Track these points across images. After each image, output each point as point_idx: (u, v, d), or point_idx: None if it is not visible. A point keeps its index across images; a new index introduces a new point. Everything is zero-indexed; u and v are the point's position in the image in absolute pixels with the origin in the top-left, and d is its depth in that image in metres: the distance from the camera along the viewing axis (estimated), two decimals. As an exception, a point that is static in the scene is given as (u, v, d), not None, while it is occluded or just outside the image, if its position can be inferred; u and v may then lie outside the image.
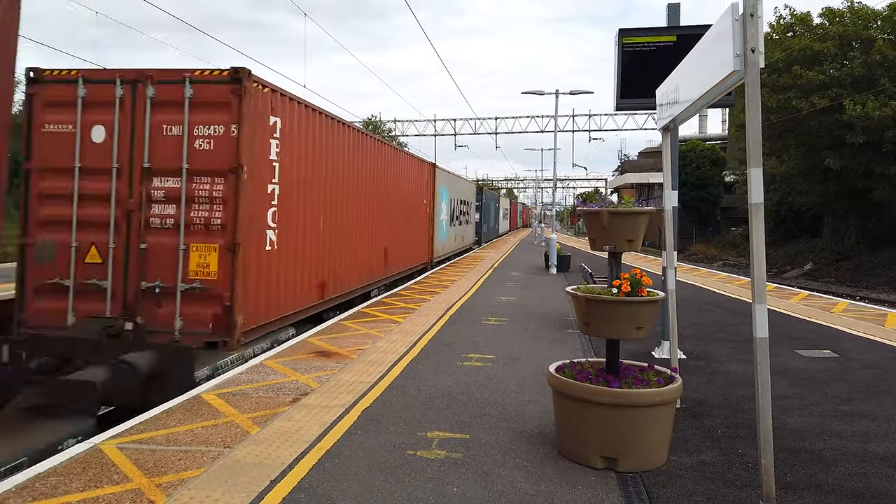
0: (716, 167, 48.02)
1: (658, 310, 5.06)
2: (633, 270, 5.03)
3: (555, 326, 10.60)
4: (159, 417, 5.65)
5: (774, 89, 28.78)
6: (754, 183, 3.69)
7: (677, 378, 4.93)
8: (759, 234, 3.71)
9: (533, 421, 5.71)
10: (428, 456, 4.85)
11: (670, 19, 8.56)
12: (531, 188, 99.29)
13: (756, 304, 3.75)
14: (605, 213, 5.12)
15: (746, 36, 3.62)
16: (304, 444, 5.05)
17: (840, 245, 33.60)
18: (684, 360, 8.19)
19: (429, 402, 6.19)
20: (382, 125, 53.58)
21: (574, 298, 5.12)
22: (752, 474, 4.58)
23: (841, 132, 27.51)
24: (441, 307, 12.50)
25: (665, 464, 4.78)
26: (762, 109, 17.39)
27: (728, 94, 7.14)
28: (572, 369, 5.11)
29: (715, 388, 6.99)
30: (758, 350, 3.73)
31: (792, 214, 38.88)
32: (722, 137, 60.54)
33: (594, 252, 6.04)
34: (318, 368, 7.48)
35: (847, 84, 27.62)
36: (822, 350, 9.01)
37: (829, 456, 5.04)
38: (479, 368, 7.58)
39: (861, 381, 7.35)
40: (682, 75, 5.29)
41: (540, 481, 4.43)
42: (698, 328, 10.70)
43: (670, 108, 5.77)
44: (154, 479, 4.34)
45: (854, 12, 28.78)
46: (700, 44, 4.68)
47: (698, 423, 5.76)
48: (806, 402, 6.47)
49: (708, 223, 50.50)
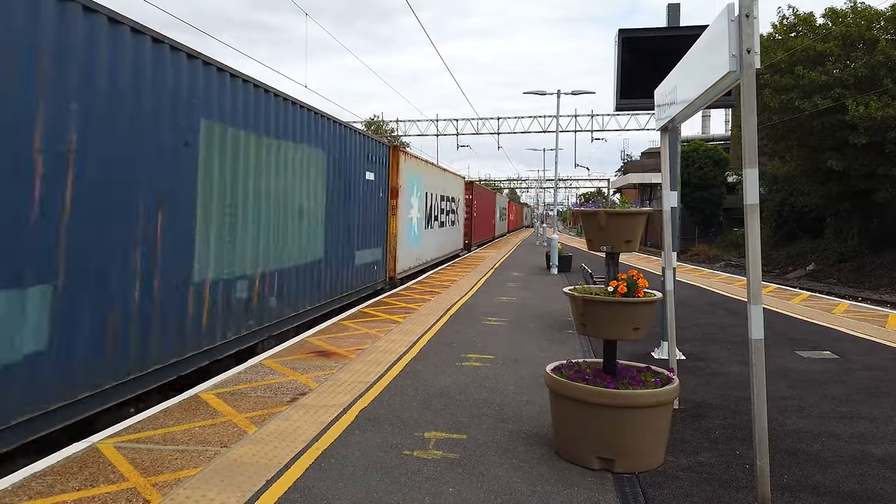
0: (718, 168, 47.97)
1: (656, 310, 5.06)
2: (631, 272, 5.02)
3: (555, 327, 10.59)
4: (157, 416, 5.66)
5: (777, 90, 28.71)
6: (749, 184, 3.69)
7: (675, 379, 4.92)
8: (754, 235, 3.71)
9: (530, 421, 5.71)
10: (425, 456, 4.85)
11: (670, 20, 8.56)
12: (533, 188, 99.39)
13: (752, 305, 3.74)
14: (602, 213, 5.12)
15: (742, 37, 3.61)
16: (302, 443, 5.05)
17: (842, 246, 33.51)
18: (683, 361, 8.19)
19: (427, 403, 6.19)
20: (384, 125, 53.61)
21: (571, 299, 5.11)
22: (749, 476, 4.57)
23: (843, 133, 27.43)
24: (441, 307, 12.50)
25: (662, 465, 4.77)
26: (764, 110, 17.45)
27: (728, 94, 7.16)
28: (569, 370, 5.10)
29: (714, 389, 6.98)
30: (753, 351, 3.73)
31: (794, 215, 38.78)
32: (725, 138, 60.43)
33: (594, 252, 6.04)
34: (316, 368, 7.48)
35: (850, 85, 27.55)
36: (822, 351, 9.00)
37: (826, 457, 5.03)
38: (477, 369, 7.58)
39: (860, 382, 7.33)
40: (679, 76, 5.28)
41: (536, 482, 4.43)
42: (698, 329, 10.69)
43: (668, 109, 5.77)
44: (150, 479, 4.35)
45: (857, 13, 28.70)
46: (697, 45, 4.68)
47: (696, 424, 5.75)
48: (804, 404, 6.46)
49: (711, 224, 50.45)
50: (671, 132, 6.40)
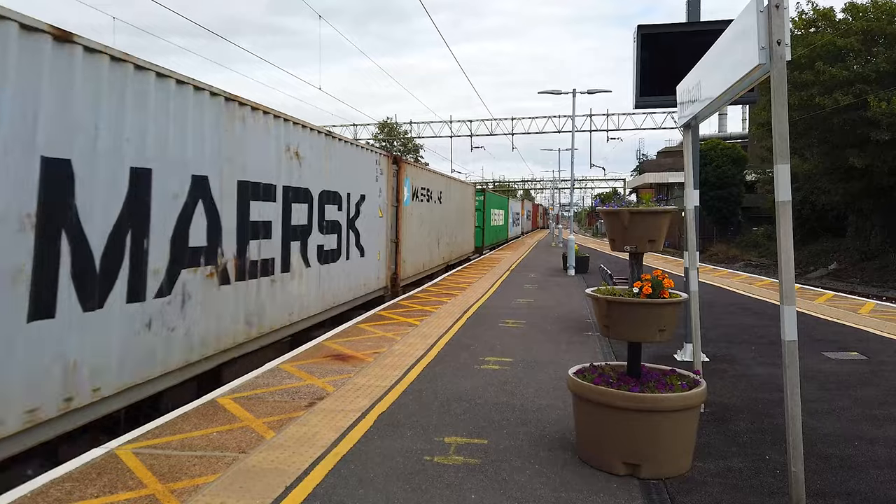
0: (737, 166, 47.34)
1: (681, 312, 4.93)
2: (655, 272, 4.90)
3: (573, 329, 10.46)
4: (175, 422, 5.62)
5: (797, 86, 28.29)
6: (781, 180, 3.56)
7: (702, 382, 4.79)
8: (787, 234, 3.58)
9: (552, 426, 5.60)
10: (445, 462, 4.76)
11: (690, 15, 8.40)
12: (548, 189, 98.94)
13: (784, 306, 3.61)
14: (625, 212, 5.00)
15: (772, 28, 3.49)
16: (320, 449, 4.98)
17: (865, 244, 32.92)
18: (707, 363, 8.02)
19: (446, 407, 6.10)
20: (398, 127, 53.66)
21: (594, 300, 5.00)
22: (781, 481, 4.43)
23: (865, 129, 26.96)
24: (458, 309, 12.41)
25: (689, 470, 4.65)
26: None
27: (751, 90, 7.01)
28: (592, 373, 4.99)
29: (740, 391, 6.82)
30: (787, 353, 3.60)
31: (815, 214, 38.18)
32: (742, 136, 59.75)
33: (613, 253, 5.92)
34: (333, 372, 7.42)
35: (871, 80, 27.09)
36: (849, 352, 8.78)
37: (859, 462, 4.87)
38: (496, 372, 7.48)
39: (892, 384, 7.13)
40: (703, 72, 5.15)
41: (560, 488, 4.33)
42: (721, 330, 10.49)
43: (691, 106, 5.64)
44: (169, 485, 4.30)
45: (877, 7, 28.23)
46: (722, 39, 4.55)
47: (723, 428, 5.61)
48: (834, 407, 6.28)
49: (729, 223, 49.80)
50: (693, 129, 6.27)
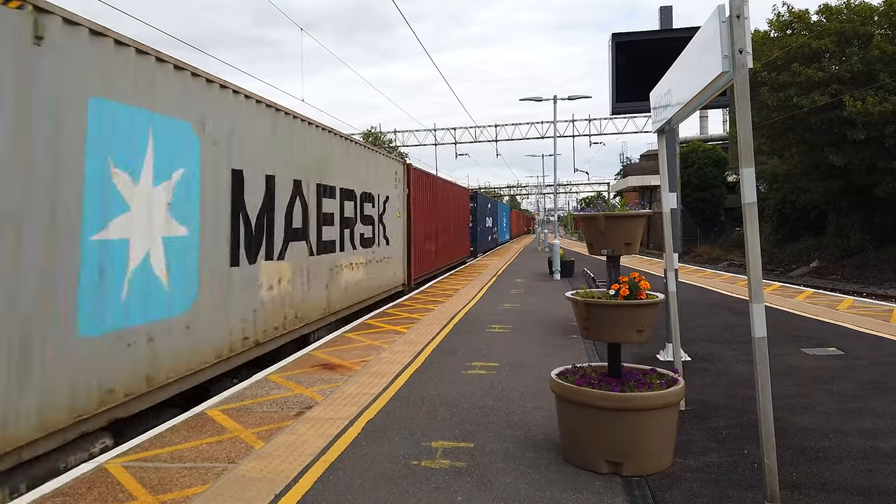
0: (718, 168, 47.96)
1: (658, 312, 5.06)
2: (632, 274, 5.03)
3: (559, 333, 10.58)
4: (164, 435, 5.66)
5: (774, 87, 28.80)
6: (747, 182, 3.70)
7: (680, 380, 4.92)
8: (754, 234, 3.71)
9: (537, 427, 5.70)
10: (432, 466, 4.84)
11: (663, 22, 8.60)
12: (534, 194, 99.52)
13: (753, 304, 3.75)
14: (601, 217, 5.13)
15: (734, 37, 3.64)
16: (309, 457, 5.05)
17: (845, 242, 33.45)
18: (689, 362, 8.17)
19: (433, 412, 6.19)
20: (383, 136, 53.78)
21: (574, 303, 5.12)
22: (758, 474, 4.55)
23: (843, 129, 27.48)
24: (445, 316, 12.50)
25: (670, 466, 4.76)
26: (763, 108, 17.57)
27: (723, 94, 7.19)
28: (575, 374, 5.10)
29: (720, 389, 6.96)
30: (757, 350, 3.73)
31: (796, 213, 38.72)
32: (723, 138, 60.48)
33: (596, 257, 6.05)
34: (322, 381, 7.49)
35: (847, 80, 27.62)
36: (827, 348, 8.97)
37: (835, 454, 5.01)
38: (483, 376, 7.57)
39: (867, 378, 7.30)
40: (673, 78, 5.31)
41: (545, 487, 4.43)
42: (703, 330, 10.67)
43: (664, 111, 5.79)
44: (159, 497, 4.35)
45: (851, 9, 28.81)
46: (689, 46, 4.71)
47: (703, 425, 5.74)
48: (811, 401, 6.44)
49: (712, 224, 50.39)
50: (668, 133, 6.43)
